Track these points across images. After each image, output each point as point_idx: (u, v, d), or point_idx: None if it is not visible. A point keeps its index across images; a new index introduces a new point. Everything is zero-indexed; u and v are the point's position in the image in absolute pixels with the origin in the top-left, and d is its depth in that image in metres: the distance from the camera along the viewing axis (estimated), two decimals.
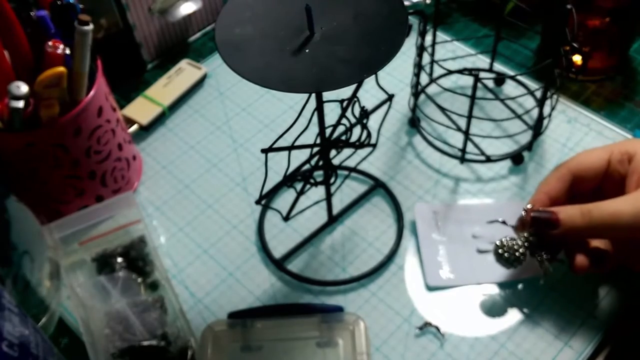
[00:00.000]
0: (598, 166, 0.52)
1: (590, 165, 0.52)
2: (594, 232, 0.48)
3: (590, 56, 0.68)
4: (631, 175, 0.49)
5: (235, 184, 0.64)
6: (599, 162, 0.52)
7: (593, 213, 0.47)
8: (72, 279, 0.56)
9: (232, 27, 0.42)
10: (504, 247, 0.51)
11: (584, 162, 0.52)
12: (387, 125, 0.67)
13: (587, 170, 0.52)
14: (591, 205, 0.48)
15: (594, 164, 0.52)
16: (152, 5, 0.71)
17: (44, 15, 0.52)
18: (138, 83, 0.74)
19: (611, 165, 0.51)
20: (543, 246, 0.50)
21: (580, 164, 0.52)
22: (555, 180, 0.52)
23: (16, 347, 0.40)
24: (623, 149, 0.51)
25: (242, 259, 0.59)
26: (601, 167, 0.52)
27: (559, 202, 0.51)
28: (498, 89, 0.70)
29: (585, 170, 0.52)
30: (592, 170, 0.52)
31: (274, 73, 0.39)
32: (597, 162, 0.52)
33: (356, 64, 0.40)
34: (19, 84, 0.50)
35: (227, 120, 0.70)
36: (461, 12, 0.79)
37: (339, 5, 0.43)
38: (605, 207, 0.47)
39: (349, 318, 0.51)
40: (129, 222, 0.59)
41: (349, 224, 0.60)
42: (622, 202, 0.47)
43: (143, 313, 0.53)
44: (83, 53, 0.53)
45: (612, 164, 0.51)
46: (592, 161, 0.52)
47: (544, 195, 0.51)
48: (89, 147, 0.56)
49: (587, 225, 0.47)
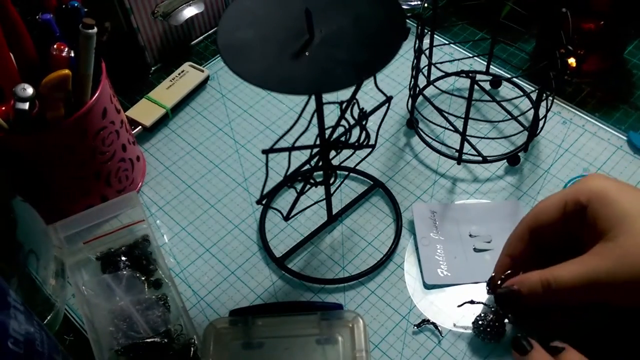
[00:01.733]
0: (554, 218, 0.48)
1: (546, 220, 0.48)
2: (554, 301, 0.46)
3: (585, 59, 0.69)
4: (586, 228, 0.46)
5: (236, 184, 0.65)
6: (555, 212, 0.48)
7: (551, 284, 0.45)
8: (77, 277, 0.57)
9: (233, 31, 0.43)
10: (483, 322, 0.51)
11: (540, 216, 0.49)
12: (385, 126, 0.68)
13: (544, 225, 0.49)
14: (548, 273, 0.45)
15: (550, 218, 0.48)
16: (155, 9, 0.72)
17: (49, 18, 0.53)
18: (142, 85, 0.75)
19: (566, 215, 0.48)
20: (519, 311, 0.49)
21: (536, 219, 0.49)
22: (516, 240, 0.50)
23: (22, 345, 0.40)
24: (576, 197, 0.47)
25: (244, 258, 0.59)
26: (558, 219, 0.48)
27: (526, 261, 0.49)
28: (494, 91, 0.71)
29: (542, 226, 0.49)
30: (549, 224, 0.48)
31: (275, 75, 0.40)
32: (553, 214, 0.48)
33: (355, 67, 0.40)
34: (25, 86, 0.51)
35: (229, 122, 0.71)
36: (458, 15, 0.80)
37: (339, 9, 0.43)
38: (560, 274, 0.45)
39: (348, 315, 0.52)
40: (133, 221, 0.60)
41: (348, 223, 0.61)
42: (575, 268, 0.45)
43: (146, 311, 0.53)
44: (88, 56, 0.53)
45: (567, 214, 0.48)
46: (549, 213, 0.48)
47: (507, 259, 0.50)
48: (93, 148, 0.57)
49: (547, 296, 0.45)
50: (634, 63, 0.73)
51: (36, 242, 0.54)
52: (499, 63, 0.73)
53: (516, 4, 0.66)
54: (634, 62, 0.73)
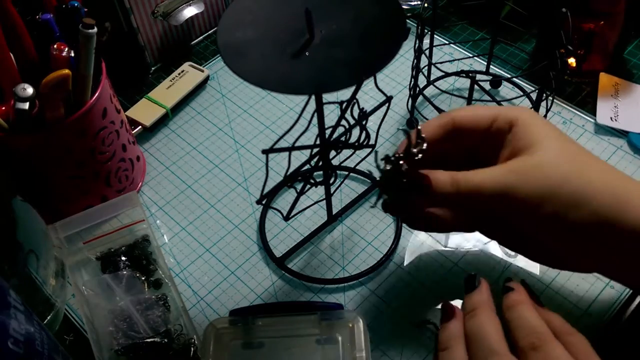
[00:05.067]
0: (481, 124, 0.48)
1: (473, 121, 0.48)
2: (459, 202, 0.46)
3: (585, 59, 0.69)
4: (505, 147, 0.47)
5: (236, 184, 0.65)
6: (482, 120, 0.48)
7: (461, 183, 0.45)
8: (77, 277, 0.57)
9: (233, 31, 0.43)
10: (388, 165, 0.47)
11: (469, 115, 0.49)
12: (385, 126, 0.68)
13: (469, 124, 0.48)
14: (461, 175, 0.45)
15: (478, 121, 0.48)
16: (155, 9, 0.72)
17: (49, 18, 0.53)
18: (142, 85, 0.75)
19: (492, 128, 0.48)
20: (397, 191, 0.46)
21: (464, 116, 0.48)
22: (437, 125, 0.49)
23: (22, 344, 0.40)
24: (508, 116, 0.47)
25: (244, 258, 0.60)
26: (483, 125, 0.48)
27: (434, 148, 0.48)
28: (494, 91, 0.71)
29: (467, 124, 0.48)
30: (474, 126, 0.48)
31: (275, 75, 0.40)
32: (481, 119, 0.48)
33: (355, 67, 0.40)
34: (25, 86, 0.51)
35: (229, 122, 0.71)
36: (458, 15, 0.80)
37: (339, 9, 0.43)
38: (471, 176, 0.45)
39: (348, 315, 0.52)
40: (133, 221, 0.60)
41: (348, 223, 0.61)
42: (487, 175, 0.45)
43: (146, 311, 0.53)
44: (88, 56, 0.53)
45: (494, 128, 0.47)
46: (477, 118, 0.48)
47: None
48: (93, 148, 0.57)
49: (454, 194, 0.45)
50: (634, 63, 0.73)
51: (36, 242, 0.54)
52: (499, 63, 0.73)
53: (516, 4, 0.66)
54: (634, 62, 0.73)
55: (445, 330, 0.44)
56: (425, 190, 0.45)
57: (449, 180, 0.45)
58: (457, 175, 0.45)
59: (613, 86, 0.69)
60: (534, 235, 0.47)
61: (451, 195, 0.45)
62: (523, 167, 0.44)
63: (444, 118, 0.49)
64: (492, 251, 0.58)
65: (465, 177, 0.45)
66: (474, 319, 0.43)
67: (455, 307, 0.45)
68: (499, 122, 0.47)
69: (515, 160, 0.45)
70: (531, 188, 0.43)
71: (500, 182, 0.44)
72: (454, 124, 0.48)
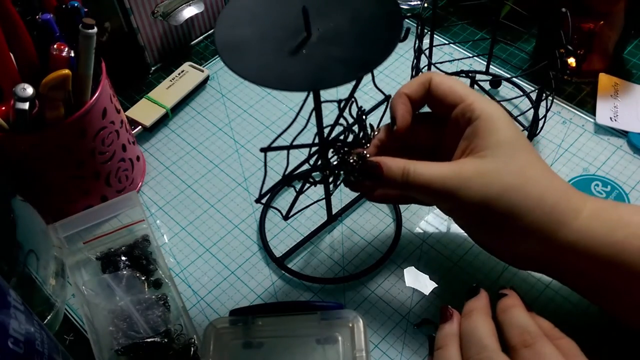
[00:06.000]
0: (449, 99, 0.49)
1: (445, 92, 0.49)
2: (409, 192, 0.47)
3: (585, 59, 0.69)
4: (463, 140, 0.48)
5: (236, 184, 0.65)
6: (452, 96, 0.49)
7: (410, 175, 0.46)
8: (77, 277, 0.57)
9: (231, 30, 0.43)
10: None
11: (444, 85, 0.49)
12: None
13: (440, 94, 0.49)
14: (412, 165, 0.46)
15: (447, 95, 0.49)
16: (155, 9, 0.72)
17: (49, 18, 0.52)
18: (141, 85, 0.75)
19: (455, 111, 0.49)
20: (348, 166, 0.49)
21: (440, 84, 0.49)
22: (417, 84, 0.50)
23: (22, 344, 0.41)
24: (472, 105, 0.47)
25: (244, 258, 0.60)
26: (451, 102, 0.49)
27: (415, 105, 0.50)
28: (494, 91, 0.71)
29: (439, 93, 0.49)
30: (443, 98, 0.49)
31: (272, 73, 0.40)
32: (451, 95, 0.49)
33: (352, 64, 0.40)
34: (25, 86, 0.51)
35: (229, 122, 0.71)
36: (458, 15, 0.80)
37: (336, 7, 0.43)
38: (421, 170, 0.46)
39: (348, 315, 0.51)
40: (133, 221, 0.60)
41: (348, 223, 0.61)
42: (437, 170, 0.46)
43: (147, 311, 0.53)
44: (87, 56, 0.53)
45: (456, 111, 0.48)
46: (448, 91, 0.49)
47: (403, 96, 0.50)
48: (93, 148, 0.57)
49: (403, 184, 0.46)
50: (633, 63, 0.73)
51: (36, 242, 0.54)
52: (498, 63, 0.73)
53: (516, 4, 0.66)
54: (633, 62, 0.73)
55: (441, 330, 0.46)
56: (377, 177, 0.47)
57: (400, 170, 0.46)
58: (409, 166, 0.46)
59: (613, 86, 0.69)
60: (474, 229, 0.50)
61: (400, 184, 0.47)
62: (469, 172, 0.45)
63: (423, 76, 0.50)
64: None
65: (415, 170, 0.46)
66: (469, 320, 0.45)
67: (453, 310, 0.47)
68: (463, 108, 0.48)
69: (465, 162, 0.46)
70: (472, 195, 0.45)
71: (446, 183, 0.45)
72: (430, 85, 0.50)
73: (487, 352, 0.42)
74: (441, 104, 0.49)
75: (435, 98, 0.50)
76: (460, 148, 0.48)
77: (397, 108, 0.50)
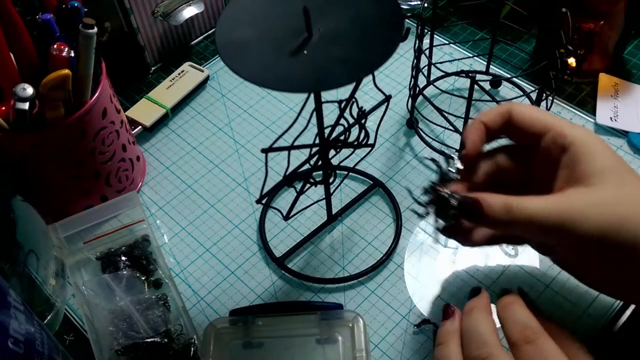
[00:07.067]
0: (535, 128, 0.47)
1: (529, 122, 0.47)
2: (512, 229, 0.45)
3: (585, 59, 0.69)
4: (561, 169, 0.45)
5: (236, 184, 0.65)
6: (538, 124, 0.47)
7: (514, 211, 0.43)
8: (77, 277, 0.57)
9: (232, 30, 0.43)
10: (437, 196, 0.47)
11: (526, 114, 0.47)
12: (385, 126, 0.68)
13: (524, 124, 0.47)
14: (514, 200, 0.43)
15: (533, 124, 0.47)
16: (155, 9, 0.72)
17: (49, 18, 0.53)
18: (142, 85, 0.75)
19: (545, 140, 0.46)
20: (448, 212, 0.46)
21: (522, 114, 0.48)
22: (496, 113, 0.48)
23: (22, 344, 0.41)
24: (563, 132, 0.45)
25: (244, 258, 0.60)
26: (537, 131, 0.47)
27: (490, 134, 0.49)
28: (494, 91, 0.71)
29: (522, 123, 0.47)
30: (528, 128, 0.47)
31: (273, 73, 0.40)
32: (537, 123, 0.47)
33: (353, 65, 0.40)
34: (25, 86, 0.51)
35: (229, 122, 0.71)
36: (458, 15, 0.80)
37: (337, 7, 0.44)
38: (525, 204, 0.43)
39: (348, 315, 0.52)
40: (133, 221, 0.60)
41: (348, 223, 0.61)
42: (542, 204, 0.43)
43: (146, 311, 0.53)
44: (87, 56, 0.53)
45: (546, 140, 0.46)
46: (533, 120, 0.47)
47: (481, 124, 0.48)
48: (93, 148, 0.57)
49: (506, 221, 0.43)
50: (633, 63, 0.73)
51: (36, 242, 0.54)
52: (499, 63, 0.74)
53: (516, 4, 0.66)
54: (633, 62, 0.73)
55: (442, 327, 0.46)
56: (477, 216, 0.44)
57: (502, 205, 0.44)
58: (511, 201, 0.43)
59: (613, 86, 0.69)
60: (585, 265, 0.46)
61: (503, 221, 0.44)
62: (581, 203, 0.43)
63: (503, 107, 0.49)
64: (492, 251, 0.58)
65: (519, 204, 0.43)
66: (470, 317, 0.45)
67: (455, 308, 0.47)
68: (553, 135, 0.46)
69: (572, 192, 0.44)
70: (589, 227, 0.42)
71: (555, 215, 0.42)
72: (511, 116, 0.48)
73: (487, 348, 0.41)
74: (525, 133, 0.47)
75: (519, 128, 0.48)
76: (561, 178, 0.45)
77: (469, 133, 0.48)
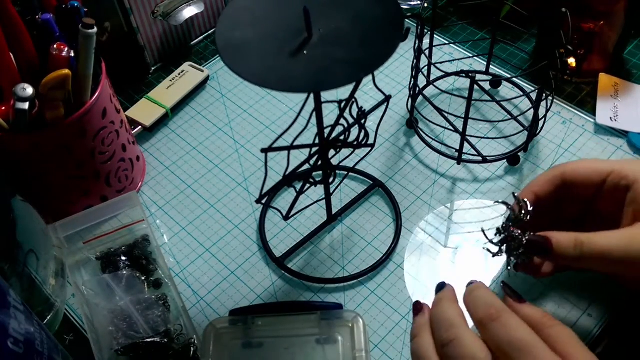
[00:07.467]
0: (594, 180, 0.49)
1: (586, 177, 0.49)
2: (583, 264, 0.46)
3: (585, 59, 0.69)
4: (628, 206, 0.47)
5: (236, 184, 0.65)
6: (595, 176, 0.49)
7: (584, 247, 0.45)
8: (77, 277, 0.57)
9: (232, 30, 0.43)
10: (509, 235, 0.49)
11: (580, 170, 0.50)
12: (385, 126, 0.68)
13: (580, 181, 0.50)
14: (584, 237, 0.45)
15: (590, 177, 0.49)
16: (155, 9, 0.72)
17: (49, 18, 0.53)
18: (142, 85, 0.75)
19: (607, 184, 0.49)
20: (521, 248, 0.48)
21: (575, 171, 0.50)
22: (545, 181, 0.51)
23: (22, 344, 0.41)
24: (623, 172, 0.48)
25: (244, 258, 0.60)
26: (596, 182, 0.49)
27: (544, 204, 0.50)
28: (494, 91, 0.71)
29: (579, 180, 0.50)
30: (586, 182, 0.49)
31: (273, 74, 0.40)
32: (594, 175, 0.49)
33: (353, 65, 0.40)
34: (25, 86, 0.51)
35: (229, 122, 0.71)
36: (458, 15, 0.80)
37: (337, 8, 0.44)
38: (596, 240, 0.45)
39: (348, 315, 0.52)
40: (133, 221, 0.60)
41: (348, 223, 0.61)
42: (613, 238, 0.45)
43: (146, 311, 0.53)
44: (87, 56, 0.53)
45: (608, 184, 0.49)
46: (589, 173, 0.49)
47: (531, 194, 0.50)
48: (93, 148, 0.57)
49: (577, 257, 0.45)
50: (633, 63, 0.73)
51: (36, 242, 0.54)
52: (498, 63, 0.74)
53: (516, 4, 0.66)
54: (633, 62, 0.73)
55: (414, 322, 0.47)
56: (548, 253, 0.46)
57: (572, 243, 0.45)
58: (581, 238, 0.45)
59: (613, 86, 0.69)
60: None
61: (574, 257, 0.45)
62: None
63: (552, 173, 0.51)
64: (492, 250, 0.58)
65: (589, 240, 0.45)
66: (437, 307, 0.45)
67: (424, 303, 0.47)
68: (614, 178, 0.48)
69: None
70: None
71: (627, 249, 0.44)
72: (564, 178, 0.50)
73: (454, 329, 0.42)
74: (585, 187, 0.50)
75: (576, 187, 0.50)
76: (628, 215, 0.47)
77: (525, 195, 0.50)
